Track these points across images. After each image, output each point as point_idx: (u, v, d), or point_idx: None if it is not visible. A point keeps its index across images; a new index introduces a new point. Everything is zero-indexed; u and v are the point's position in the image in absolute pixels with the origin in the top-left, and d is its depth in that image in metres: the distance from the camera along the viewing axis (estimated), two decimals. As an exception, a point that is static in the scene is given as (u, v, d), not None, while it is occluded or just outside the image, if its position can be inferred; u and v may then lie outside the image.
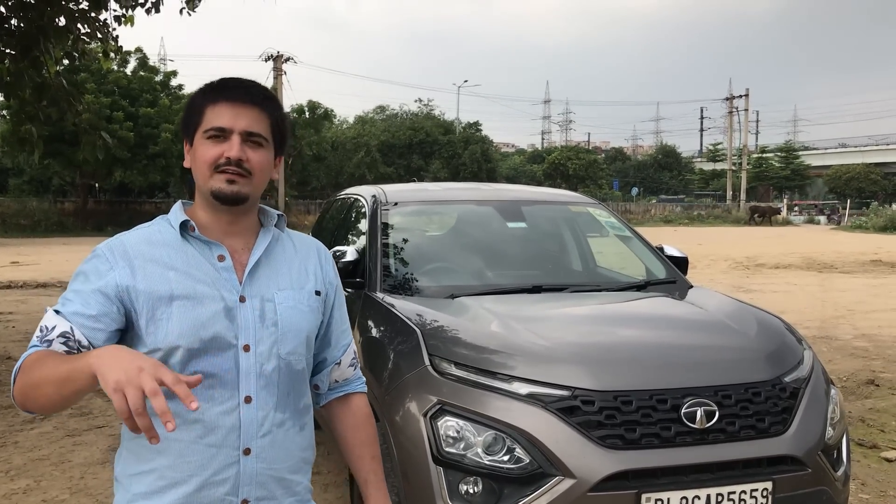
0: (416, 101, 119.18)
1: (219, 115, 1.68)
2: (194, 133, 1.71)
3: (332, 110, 46.94)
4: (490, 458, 2.78)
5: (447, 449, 2.82)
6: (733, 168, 65.03)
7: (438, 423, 2.86)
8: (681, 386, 2.92)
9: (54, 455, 5.28)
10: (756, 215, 52.98)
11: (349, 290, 4.09)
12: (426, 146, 53.70)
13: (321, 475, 4.95)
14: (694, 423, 2.85)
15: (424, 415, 2.90)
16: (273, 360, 1.69)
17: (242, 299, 1.68)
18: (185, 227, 1.71)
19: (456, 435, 2.84)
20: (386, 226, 4.27)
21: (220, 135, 1.68)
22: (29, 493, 4.61)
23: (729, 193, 64.30)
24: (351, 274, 3.96)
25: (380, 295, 3.78)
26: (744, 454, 2.87)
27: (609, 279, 4.51)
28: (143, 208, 43.71)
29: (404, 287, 3.90)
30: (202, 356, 1.62)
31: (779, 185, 71.95)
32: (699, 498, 2.76)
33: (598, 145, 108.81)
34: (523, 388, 2.87)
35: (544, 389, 2.85)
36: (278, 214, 1.83)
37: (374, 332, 3.56)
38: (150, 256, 1.67)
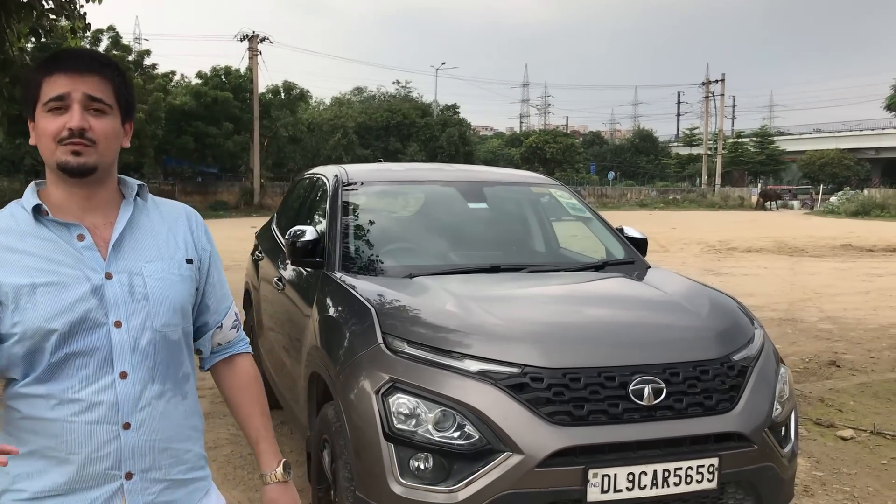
0: (393, 83, 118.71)
1: (56, 86, 1.63)
2: (34, 109, 1.66)
3: (307, 91, 46.64)
4: (440, 434, 2.81)
5: (398, 426, 2.85)
6: (709, 153, 65.45)
7: (390, 401, 2.89)
8: (629, 364, 2.96)
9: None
10: (765, 200, 53.54)
11: (308, 269, 4.09)
12: (403, 129, 53.54)
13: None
14: (642, 400, 2.89)
15: (376, 392, 2.92)
16: (147, 333, 1.67)
17: (109, 276, 1.65)
18: (38, 212, 1.66)
19: (407, 412, 2.86)
20: (347, 205, 4.27)
21: (60, 105, 1.63)
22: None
23: (704, 178, 64.75)
24: (310, 253, 3.96)
25: (338, 275, 3.79)
26: (691, 431, 2.92)
27: (567, 259, 4.54)
28: (117, 189, 43.19)
29: (363, 267, 3.92)
30: (74, 338, 1.60)
31: (753, 169, 72.48)
32: (646, 473, 2.81)
33: (577, 129, 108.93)
34: (474, 366, 2.90)
35: (495, 367, 2.88)
36: (138, 184, 1.79)
37: (331, 311, 3.57)
38: (5, 245, 1.63)
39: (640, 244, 4.51)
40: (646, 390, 2.90)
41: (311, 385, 3.69)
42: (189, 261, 1.80)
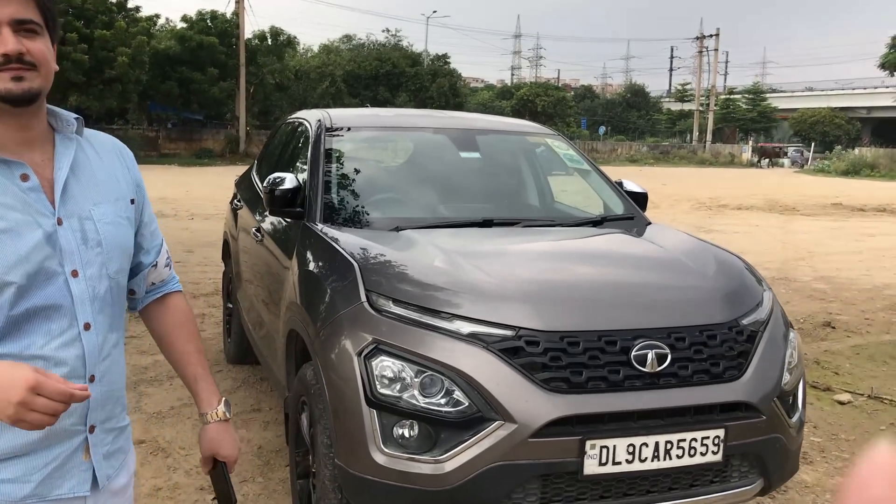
0: (383, 31, 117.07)
1: None
2: None
3: (295, 37, 45.78)
4: (427, 400, 2.60)
5: (381, 390, 2.63)
6: (700, 109, 64.95)
7: (373, 363, 2.67)
8: (632, 327, 2.74)
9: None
10: (762, 157, 53.50)
11: (288, 220, 3.84)
12: (393, 78, 52.76)
13: (262, 412, 4.78)
14: (644, 366, 2.68)
15: (359, 354, 2.70)
16: (104, 281, 1.59)
17: (60, 222, 1.53)
18: None
19: (392, 376, 2.64)
20: (330, 153, 4.00)
21: None
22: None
23: (695, 134, 64.36)
24: (290, 203, 3.70)
25: (319, 226, 3.54)
26: (696, 400, 2.71)
27: (564, 214, 4.30)
28: (100, 135, 42.49)
29: (346, 219, 3.66)
30: (31, 291, 1.49)
31: (745, 126, 72.11)
32: (647, 445, 2.61)
33: (568, 83, 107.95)
34: (465, 327, 2.67)
35: (487, 329, 2.66)
36: (75, 117, 1.63)
37: (311, 265, 3.32)
38: None
39: (640, 199, 4.28)
40: (649, 356, 2.68)
41: (289, 343, 3.46)
42: (132, 201, 1.72)
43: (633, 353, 2.68)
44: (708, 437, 2.68)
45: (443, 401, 2.59)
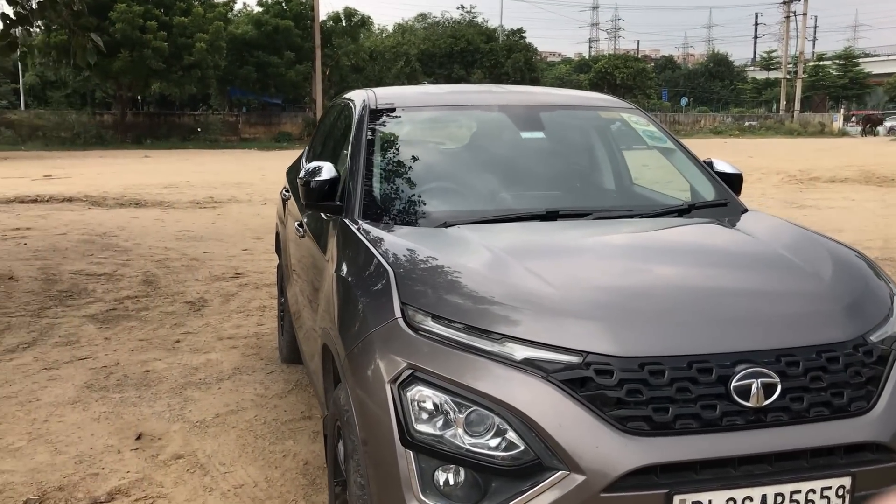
0: (457, 7, 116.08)
1: None
2: None
3: (369, 18, 45.56)
4: (474, 441, 2.11)
5: (419, 427, 2.16)
6: (788, 77, 62.22)
7: (409, 394, 2.20)
8: (731, 350, 2.19)
9: (24, 392, 4.77)
10: (868, 125, 51.30)
11: (326, 214, 3.39)
12: (468, 55, 52.10)
13: (312, 420, 4.38)
14: (748, 399, 2.13)
15: (392, 382, 2.23)
16: None
17: None
18: None
19: (431, 410, 2.17)
20: (373, 137, 3.53)
21: None
22: (-18, 440, 4.11)
23: (783, 103, 61.73)
24: (328, 195, 3.25)
25: (357, 223, 3.07)
26: (813, 441, 2.15)
27: (644, 202, 3.71)
28: (182, 121, 43.33)
29: (387, 214, 3.18)
30: None
31: (835, 94, 68.83)
32: (751, 499, 2.07)
33: (648, 54, 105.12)
34: (519, 352, 2.17)
35: (546, 354, 2.15)
36: None
37: (344, 270, 2.86)
38: None
39: (734, 182, 3.67)
40: (753, 386, 2.13)
41: (325, 357, 3.03)
42: None
43: (734, 382, 2.13)
44: (830, 488, 2.12)
45: (493, 443, 2.10)
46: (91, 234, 11.01)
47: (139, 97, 47.25)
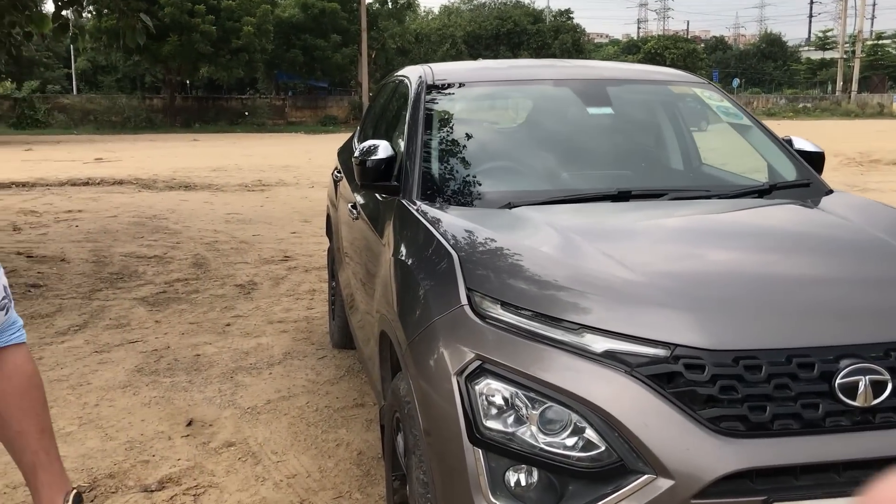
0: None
1: None
2: None
3: (415, 0, 45.31)
4: (548, 440, 1.94)
5: (489, 424, 2.00)
6: (845, 57, 60.46)
7: (477, 388, 2.03)
8: (834, 343, 1.99)
9: (74, 375, 4.73)
10: None
11: (382, 195, 3.23)
12: (514, 36, 51.60)
13: (365, 408, 4.25)
14: (854, 398, 1.92)
15: (459, 374, 2.07)
16: None
17: None
18: None
19: (502, 405, 2.00)
20: (431, 114, 3.35)
21: None
22: (35, 424, 4.05)
23: (839, 84, 60.03)
24: (384, 175, 3.09)
25: (415, 204, 2.91)
26: None
27: (721, 182, 3.48)
28: (230, 104, 43.65)
29: (448, 194, 3.01)
30: None
31: (895, 74, 66.71)
32: None
33: (698, 34, 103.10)
34: (599, 343, 1.99)
35: (630, 346, 1.97)
36: None
37: (403, 253, 2.70)
38: None
39: (816, 161, 3.43)
40: (861, 383, 1.92)
41: (382, 345, 2.88)
42: None
43: (838, 379, 1.93)
44: None
45: (570, 442, 1.93)
46: (141, 216, 11.04)
47: (188, 81, 47.68)
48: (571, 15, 56.99)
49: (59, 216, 11.02)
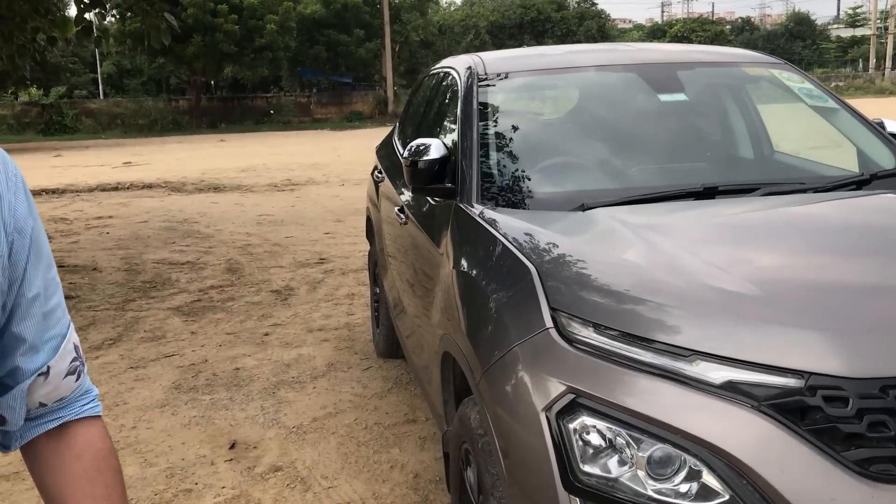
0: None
1: None
2: None
3: (437, -9, 44.98)
4: (659, 486, 1.66)
5: (586, 468, 1.72)
6: (877, 33, 59.14)
7: (571, 426, 1.75)
8: None
9: (110, 394, 4.51)
10: None
11: (436, 199, 2.95)
12: (538, 25, 51.09)
13: (417, 424, 3.98)
14: None
15: (548, 409, 1.79)
16: None
17: None
18: None
19: (601, 445, 1.72)
20: (485, 108, 3.06)
21: None
22: (70, 450, 3.83)
23: (871, 62, 58.77)
24: (437, 177, 2.81)
25: (477, 208, 2.63)
26: None
27: (812, 173, 3.14)
28: (255, 103, 43.58)
29: (511, 194, 2.73)
30: None
31: (929, 49, 65.17)
32: None
33: (722, 16, 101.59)
34: (717, 373, 1.70)
35: (754, 375, 1.67)
36: None
37: (467, 265, 2.42)
38: None
39: (912, 145, 3.09)
40: None
41: (444, 366, 2.60)
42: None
43: None
44: None
45: (684, 488, 1.65)
46: (172, 220, 10.87)
47: (212, 82, 47.75)
48: (595, 1, 56.33)
49: (89, 223, 10.89)
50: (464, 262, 2.44)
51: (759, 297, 1.84)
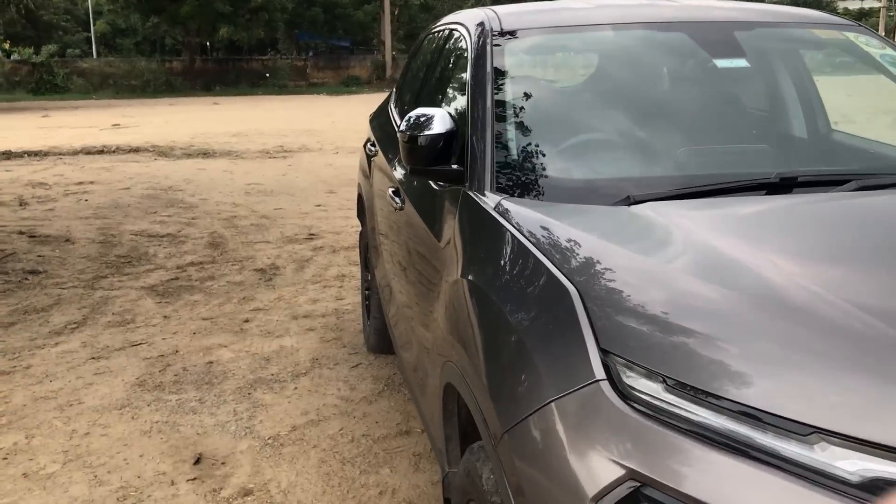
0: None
1: None
2: None
3: (439, -48, 43.96)
4: None
5: (654, 589, 1.19)
6: (886, 6, 58.19)
7: (631, 527, 1.22)
8: None
9: (65, 391, 3.99)
10: None
11: (440, 183, 2.40)
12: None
13: (411, 436, 3.47)
14: None
15: (598, 499, 1.26)
16: None
17: None
18: None
19: (674, 557, 1.19)
20: (501, 73, 2.48)
21: None
22: (9, 460, 3.32)
23: (881, 34, 57.95)
24: (442, 156, 2.26)
25: (491, 198, 2.07)
26: None
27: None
28: (251, 66, 42.71)
29: (534, 182, 2.17)
30: None
31: (938, 23, 64.25)
32: None
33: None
34: (849, 461, 1.17)
35: None
36: None
37: (482, 278, 1.86)
38: None
39: None
40: None
41: (447, 398, 2.07)
42: None
43: None
44: None
45: None
46: (156, 188, 10.29)
47: (207, 43, 46.76)
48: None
49: (68, 189, 10.30)
50: (475, 271, 1.90)
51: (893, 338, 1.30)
